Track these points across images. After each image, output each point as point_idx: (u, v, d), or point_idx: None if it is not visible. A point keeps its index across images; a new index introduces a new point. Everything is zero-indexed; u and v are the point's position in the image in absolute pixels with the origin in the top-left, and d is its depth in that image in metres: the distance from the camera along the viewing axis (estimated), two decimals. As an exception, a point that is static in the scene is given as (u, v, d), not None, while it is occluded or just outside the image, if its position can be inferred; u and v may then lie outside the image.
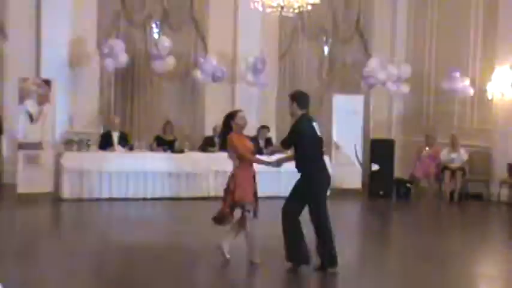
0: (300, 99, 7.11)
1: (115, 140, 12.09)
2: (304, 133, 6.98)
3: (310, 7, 11.36)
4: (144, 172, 11.72)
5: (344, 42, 15.32)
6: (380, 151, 13.46)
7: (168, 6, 13.76)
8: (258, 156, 7.73)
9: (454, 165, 13.23)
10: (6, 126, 12.44)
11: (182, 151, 12.22)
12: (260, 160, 7.47)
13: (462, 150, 13.37)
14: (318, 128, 7.15)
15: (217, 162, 11.71)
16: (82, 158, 11.44)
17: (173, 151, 12.18)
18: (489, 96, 13.34)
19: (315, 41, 15.13)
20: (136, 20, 13.59)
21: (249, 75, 13.71)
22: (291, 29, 14.75)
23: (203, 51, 13.93)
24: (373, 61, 14.33)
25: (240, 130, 7.26)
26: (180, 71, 13.87)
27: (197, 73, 13.46)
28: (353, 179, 13.44)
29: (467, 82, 13.67)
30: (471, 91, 13.67)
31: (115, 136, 12.16)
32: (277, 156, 7.83)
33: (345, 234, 9.44)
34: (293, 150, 7.19)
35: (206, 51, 13.93)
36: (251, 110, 12.84)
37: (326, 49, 15.27)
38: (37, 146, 11.42)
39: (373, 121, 14.99)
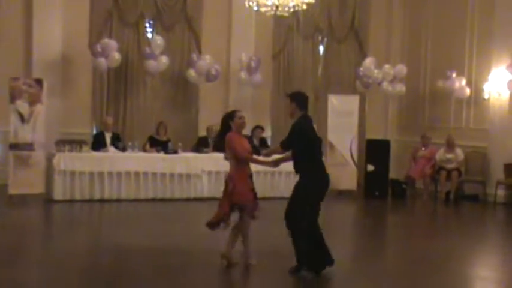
0: (300, 99, 7.04)
1: (108, 141, 12.00)
2: (305, 134, 6.90)
3: (305, 6, 11.28)
4: (137, 173, 11.63)
5: (339, 41, 15.24)
6: (375, 151, 13.38)
7: (161, 5, 13.64)
8: (256, 156, 7.62)
9: (450, 165, 13.17)
10: (-4, 126, 12.31)
11: (176, 152, 12.12)
12: (258, 160, 7.39)
13: (458, 150, 13.31)
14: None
15: (211, 163, 11.78)
16: (74, 159, 11.32)
17: (167, 152, 12.07)
18: (485, 96, 13.30)
19: (310, 41, 15.05)
20: (129, 19, 13.47)
21: (243, 74, 13.61)
22: (286, 28, 14.66)
23: (197, 50, 13.81)
24: (368, 61, 14.23)
25: (239, 130, 7.18)
26: (174, 71, 13.76)
27: (191, 73, 13.34)
28: (348, 180, 13.32)
29: (463, 82, 13.64)
30: (467, 91, 13.64)
31: (108, 137, 12.09)
32: (274, 156, 7.72)
33: (340, 235, 9.43)
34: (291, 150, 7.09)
35: (200, 50, 13.82)
36: (245, 110, 12.63)
37: (321, 49, 15.20)
38: (28, 147, 11.28)
39: (368, 121, 14.89)
